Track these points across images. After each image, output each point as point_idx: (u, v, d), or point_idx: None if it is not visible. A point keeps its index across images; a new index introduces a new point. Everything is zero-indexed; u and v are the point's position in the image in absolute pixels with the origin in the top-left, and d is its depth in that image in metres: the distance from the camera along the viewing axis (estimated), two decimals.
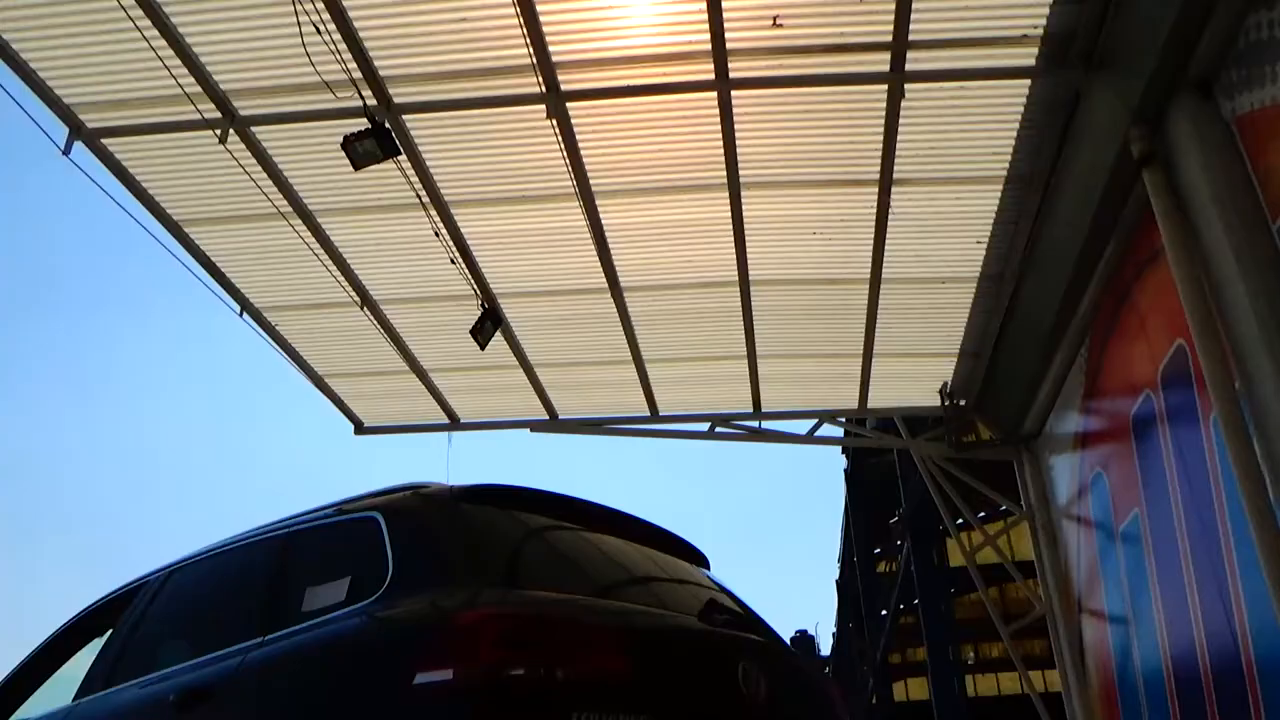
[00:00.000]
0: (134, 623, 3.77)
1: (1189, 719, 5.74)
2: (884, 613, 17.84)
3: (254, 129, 5.42)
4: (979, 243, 6.44)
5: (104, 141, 5.46)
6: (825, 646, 28.85)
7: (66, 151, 5.29)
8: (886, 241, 6.33)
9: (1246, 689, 4.95)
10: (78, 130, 5.32)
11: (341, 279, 6.53)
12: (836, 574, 24.27)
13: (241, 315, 6.87)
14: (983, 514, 9.89)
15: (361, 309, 6.82)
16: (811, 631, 26.31)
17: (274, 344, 7.26)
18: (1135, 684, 6.56)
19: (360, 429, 8.63)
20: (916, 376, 8.21)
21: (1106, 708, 7.16)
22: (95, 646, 3.99)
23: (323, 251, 6.28)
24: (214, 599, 3.66)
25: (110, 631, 3.88)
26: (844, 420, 9.20)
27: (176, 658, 3.51)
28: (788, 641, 3.59)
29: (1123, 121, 4.91)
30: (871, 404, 8.42)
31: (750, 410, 8.49)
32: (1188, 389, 5.34)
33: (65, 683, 3.95)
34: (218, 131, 5.29)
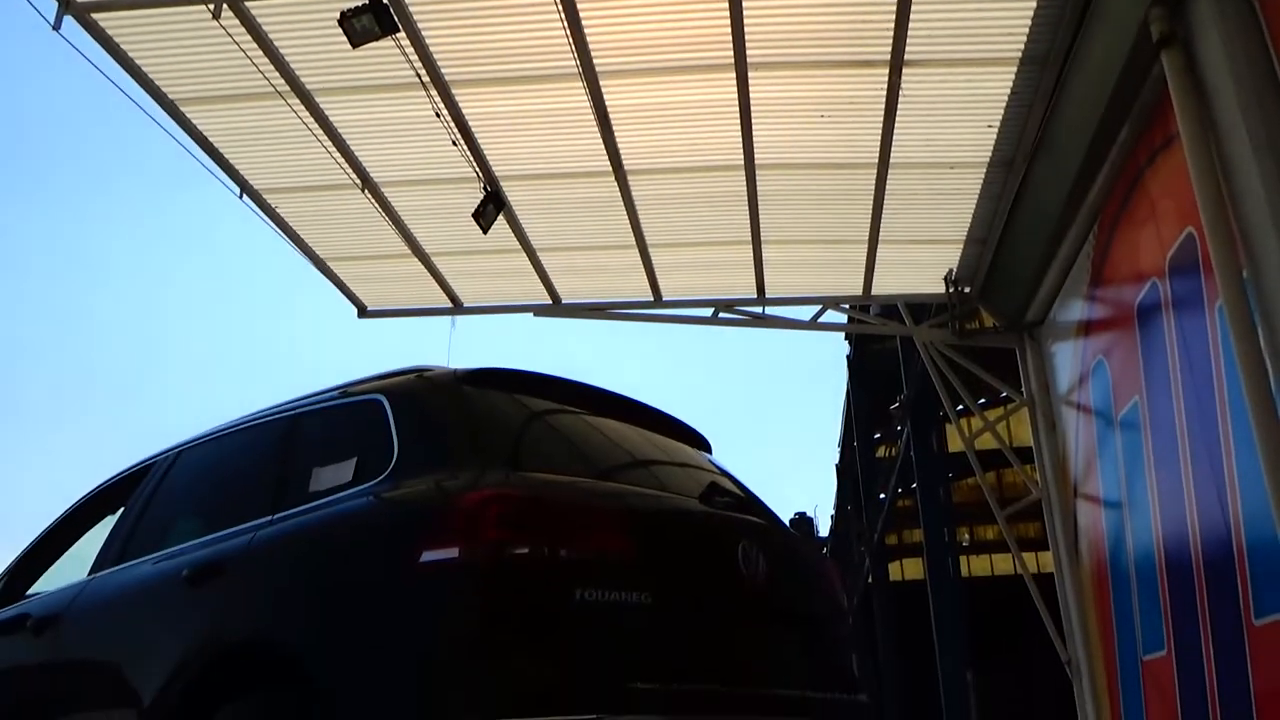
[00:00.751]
0: (145, 501, 3.84)
1: (1178, 599, 5.88)
2: (882, 496, 18.13)
3: (248, 3, 5.27)
4: (990, 127, 6.32)
5: (94, 16, 5.31)
6: (824, 528, 29.44)
7: (56, 26, 5.15)
8: (895, 125, 6.21)
9: (1236, 572, 5.05)
10: (66, 4, 5.17)
11: (341, 160, 6.43)
12: (836, 458, 24.61)
13: (241, 197, 6.79)
14: (982, 400, 9.96)
15: (362, 191, 6.74)
16: (810, 514, 26.82)
17: (275, 226, 7.20)
18: (1126, 566, 6.70)
19: (363, 312, 8.63)
20: (921, 263, 8.16)
21: (1097, 588, 7.33)
22: (108, 523, 4.07)
23: (321, 132, 6.17)
24: (222, 479, 3.72)
25: (122, 509, 3.96)
26: (847, 307, 9.18)
27: (187, 535, 3.59)
28: (787, 523, 3.65)
29: (1142, 1, 4.76)
30: (875, 291, 8.39)
31: (754, 296, 8.47)
32: (1194, 277, 5.30)
33: (80, 558, 4.05)
34: (210, 5, 5.14)
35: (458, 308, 8.55)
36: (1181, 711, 5.89)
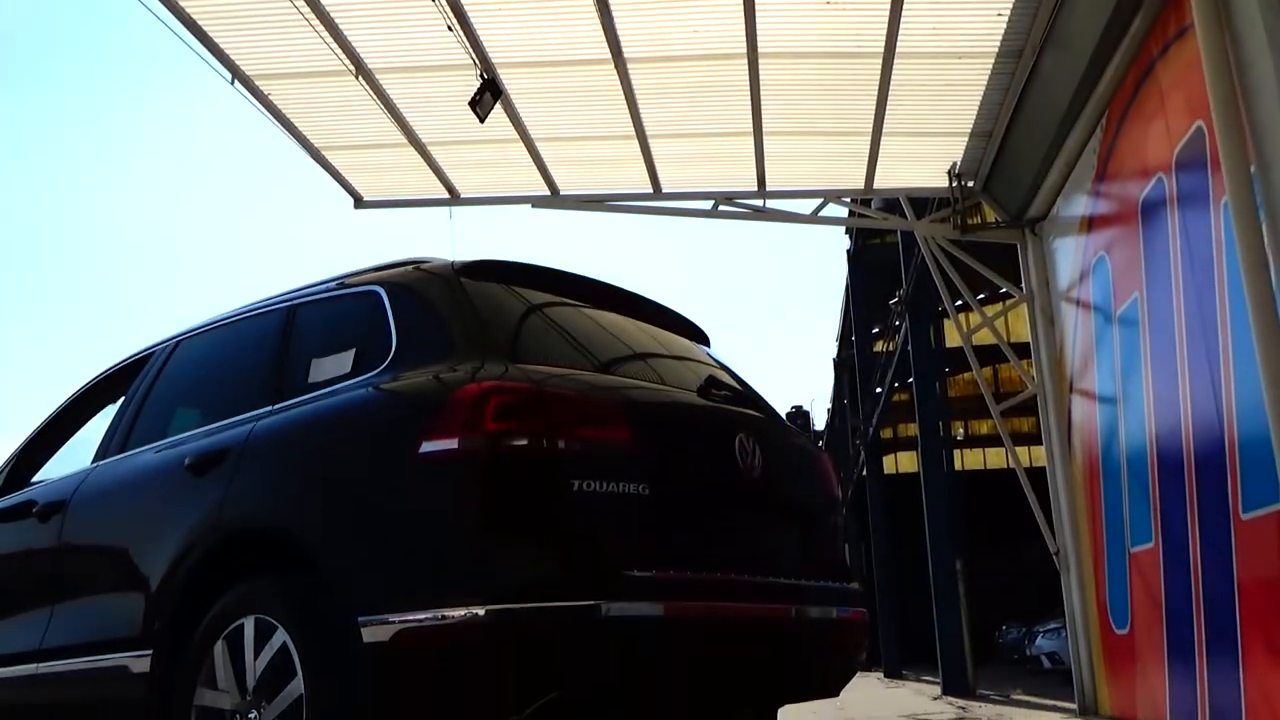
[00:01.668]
0: (145, 391, 3.85)
1: (1168, 493, 5.97)
2: (879, 390, 18.25)
3: None
4: (999, 15, 6.15)
5: None
6: (820, 423, 29.73)
7: None
8: (902, 13, 6.04)
9: (1226, 467, 5.11)
10: None
11: (334, 45, 6.27)
12: (834, 353, 24.70)
13: (233, 83, 6.65)
14: (981, 296, 9.94)
15: (356, 78, 6.59)
16: (807, 408, 27.04)
17: (268, 114, 7.06)
18: (1118, 460, 6.79)
19: (360, 203, 8.54)
20: (925, 157, 8.05)
21: (1088, 482, 7.44)
22: (109, 412, 4.10)
23: (313, 15, 6.00)
24: (222, 369, 3.73)
25: (122, 399, 3.98)
26: (849, 201, 9.10)
27: (188, 425, 3.61)
28: (784, 416, 3.67)
29: None
30: (878, 184, 8.29)
31: (754, 189, 8.38)
32: (1201, 172, 5.24)
33: (82, 446, 4.09)
34: None
35: (455, 199, 8.45)
36: (1166, 602, 6.04)
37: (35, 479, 4.26)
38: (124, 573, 3.27)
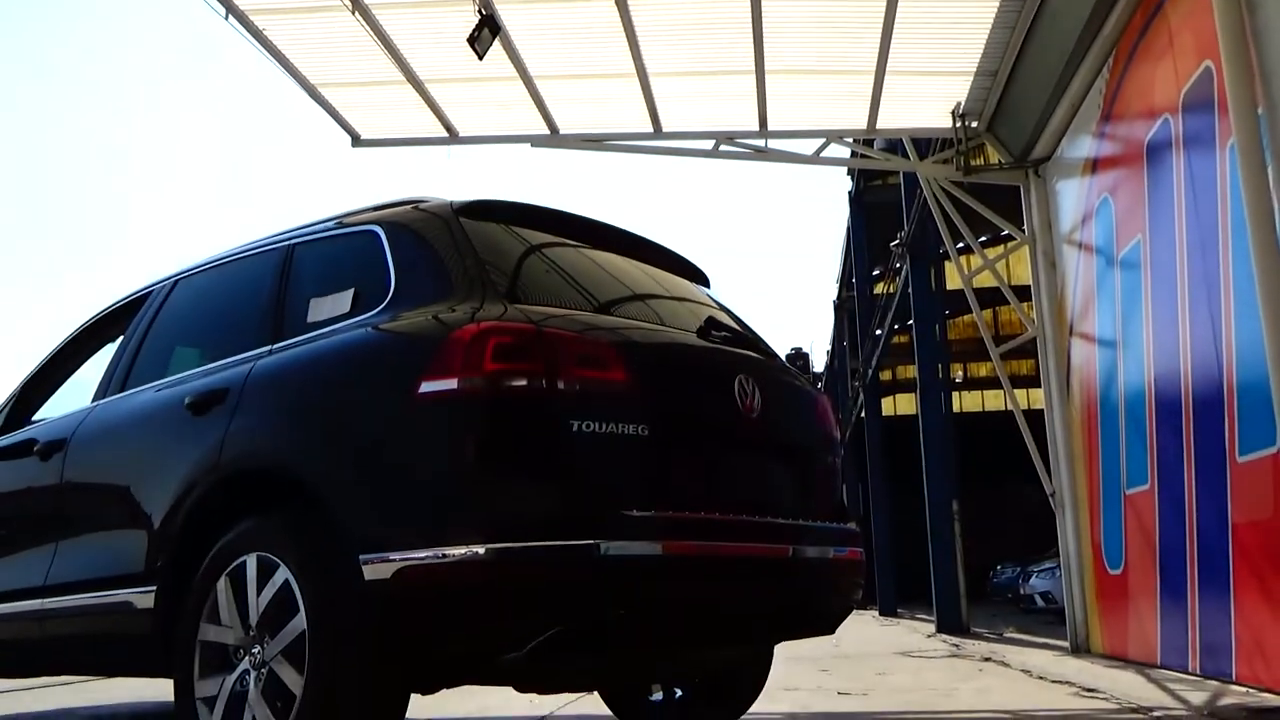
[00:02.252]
0: (143, 330, 3.85)
1: (1165, 436, 5.99)
2: (878, 333, 18.24)
3: None
4: None
5: None
6: (819, 365, 29.77)
7: None
8: None
9: (1224, 410, 5.13)
10: None
11: None
12: (834, 295, 24.64)
13: (227, 18, 6.54)
14: (983, 238, 9.90)
15: (352, 13, 6.48)
16: (806, 350, 27.05)
17: (263, 49, 6.96)
18: (1116, 403, 6.81)
19: (357, 141, 8.45)
20: (929, 97, 7.96)
21: (1086, 424, 7.47)
22: (108, 351, 4.10)
23: None
24: (220, 308, 3.72)
25: (121, 338, 3.97)
26: (851, 141, 9.01)
27: (187, 364, 3.61)
28: (783, 358, 3.67)
29: None
30: (881, 124, 8.20)
31: (756, 129, 8.29)
32: (1208, 113, 5.18)
33: (82, 386, 4.09)
34: None
35: (453, 138, 8.37)
36: (1160, 543, 6.10)
37: (35, 418, 4.27)
38: (126, 511, 3.29)
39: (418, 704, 2.94)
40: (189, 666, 2.82)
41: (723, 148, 8.51)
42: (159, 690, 5.46)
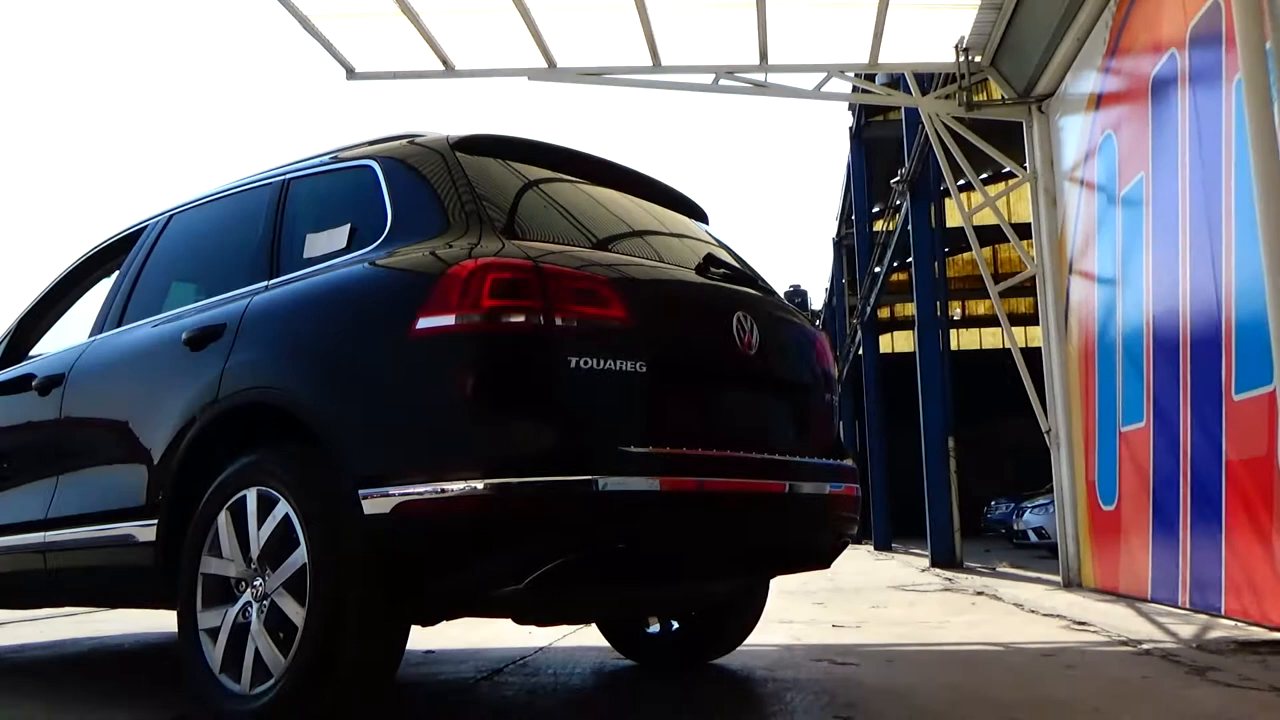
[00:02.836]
0: (139, 265, 3.83)
1: (1162, 374, 6.01)
2: (877, 270, 18.19)
3: None
4: None
5: None
6: (818, 302, 29.75)
7: None
8: None
9: (1222, 348, 5.14)
10: None
11: None
12: (834, 232, 24.53)
13: None
14: (984, 176, 9.82)
15: None
16: (804, 288, 27.01)
17: None
18: (1114, 341, 6.82)
19: (352, 74, 8.33)
20: (932, 31, 7.84)
21: (1084, 362, 7.49)
22: (104, 286, 4.08)
23: None
24: (216, 243, 3.70)
25: (117, 273, 3.96)
26: (852, 76, 8.89)
27: (184, 299, 3.60)
28: (782, 295, 3.66)
29: None
30: (883, 59, 8.09)
31: (757, 63, 8.18)
32: (1215, 48, 5.11)
33: (79, 321, 4.08)
34: None
35: (450, 71, 8.25)
36: (1154, 479, 6.15)
37: (32, 353, 4.27)
38: (126, 445, 3.31)
39: (418, 636, 2.99)
40: (191, 599, 2.85)
41: (722, 82, 8.40)
42: (161, 622, 5.54)
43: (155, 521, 3.05)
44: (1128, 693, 3.24)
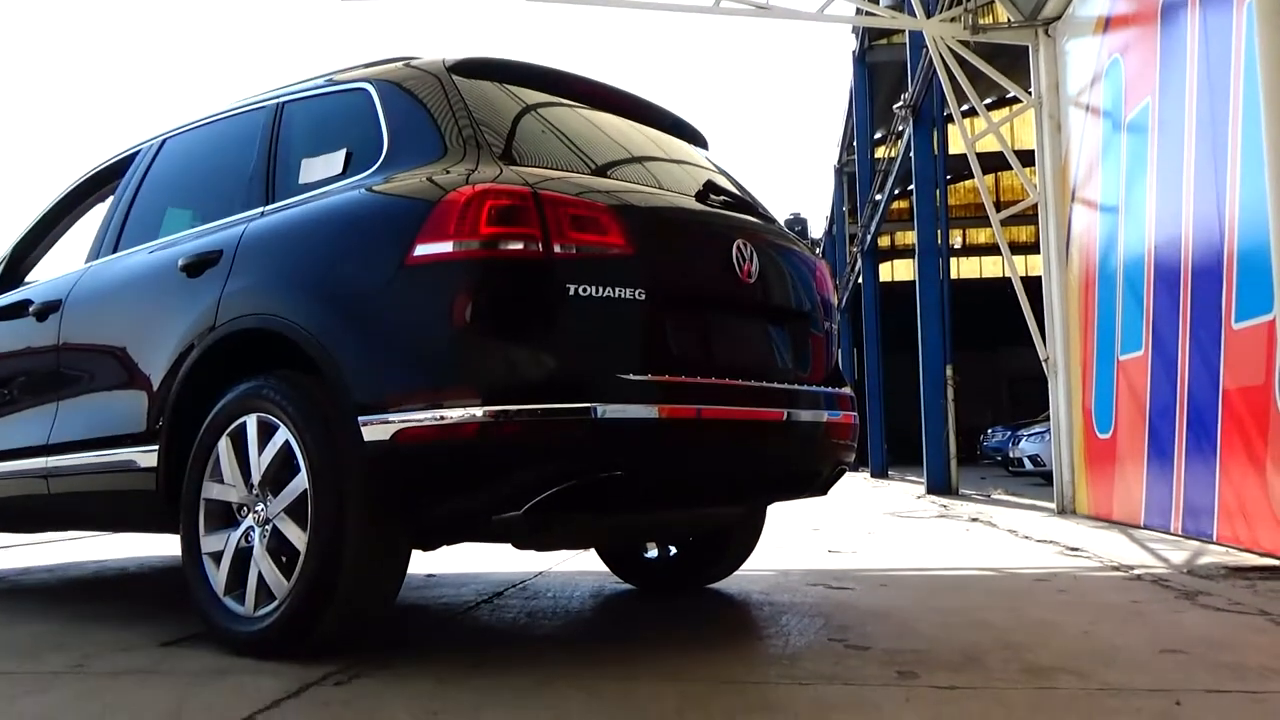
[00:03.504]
0: (133, 191, 3.79)
1: (1161, 302, 6.00)
2: (878, 198, 18.04)
3: None
4: None
5: None
6: (818, 230, 29.57)
7: None
8: None
9: (1223, 276, 5.12)
10: None
11: None
12: (836, 159, 24.29)
13: None
14: (988, 101, 9.69)
15: None
16: (804, 215, 26.82)
17: None
18: (1115, 269, 6.79)
19: None
20: None
21: (1084, 291, 7.47)
22: (99, 211, 4.05)
23: None
24: (211, 169, 3.66)
25: (111, 199, 3.92)
26: None
27: (179, 225, 3.57)
28: (782, 223, 3.63)
29: None
30: None
31: None
32: None
33: (75, 246, 4.06)
34: None
35: None
36: (1150, 407, 6.17)
37: (28, 279, 4.25)
38: (125, 371, 3.31)
39: (419, 560, 3.02)
40: (194, 523, 2.88)
41: (723, 4, 8.25)
42: (164, 546, 5.61)
43: (156, 447, 3.06)
44: (1118, 616, 3.29)
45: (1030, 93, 8.27)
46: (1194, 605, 3.44)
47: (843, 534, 6.41)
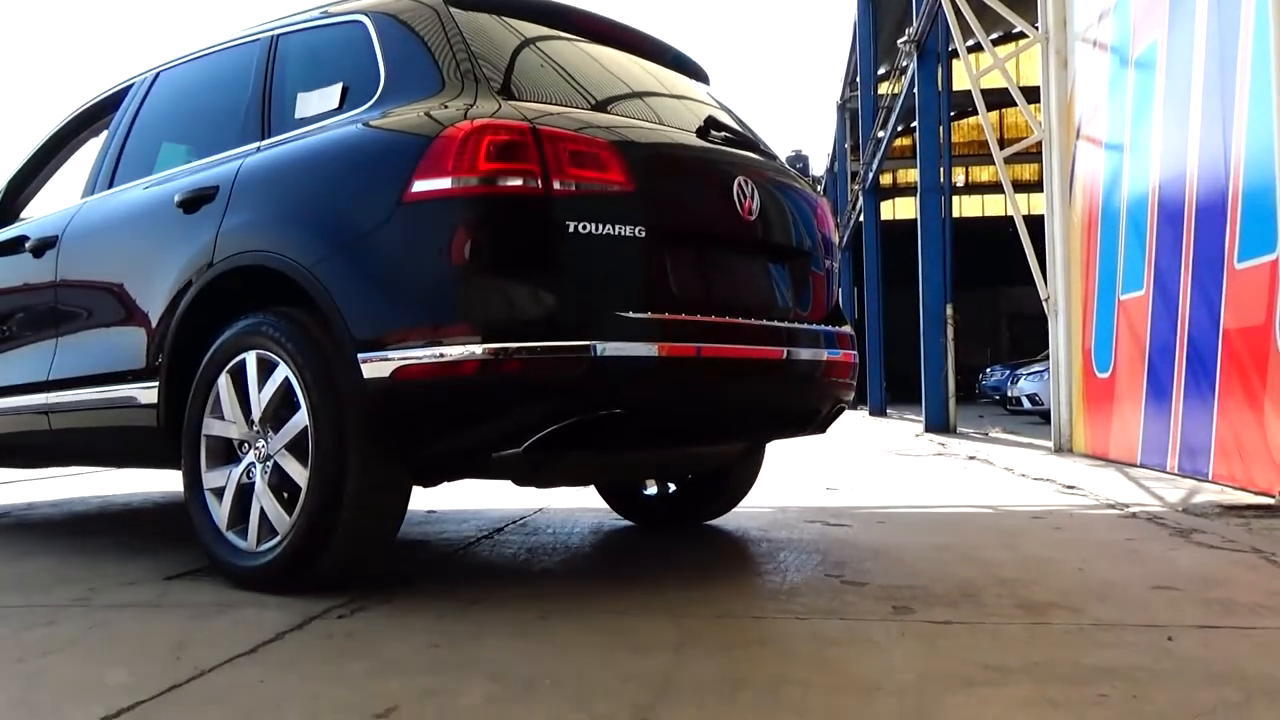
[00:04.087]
0: (127, 126, 3.75)
1: (1164, 242, 5.98)
2: (881, 134, 17.86)
3: None
4: None
5: None
6: (820, 167, 29.34)
7: None
8: None
9: (1227, 216, 5.09)
10: None
11: None
12: (839, 95, 24.01)
13: None
14: (994, 36, 9.54)
15: None
16: (806, 152, 26.59)
17: None
18: (1118, 208, 6.75)
19: None
20: None
21: (1086, 230, 7.43)
22: (94, 146, 4.01)
23: None
24: (205, 103, 3.62)
25: (105, 133, 3.88)
26: None
27: (174, 160, 3.54)
28: (783, 160, 3.60)
29: None
30: None
31: None
32: None
33: (70, 181, 4.03)
34: None
35: None
36: (1150, 347, 6.18)
37: (23, 215, 4.22)
38: (123, 307, 3.30)
39: (420, 496, 3.04)
40: (195, 460, 2.90)
41: None
42: (167, 482, 5.65)
43: (156, 384, 3.07)
44: (1113, 553, 3.32)
45: (1037, 28, 8.14)
46: (1188, 543, 3.48)
47: (841, 471, 6.46)
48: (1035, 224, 8.37)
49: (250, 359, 2.79)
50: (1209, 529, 3.77)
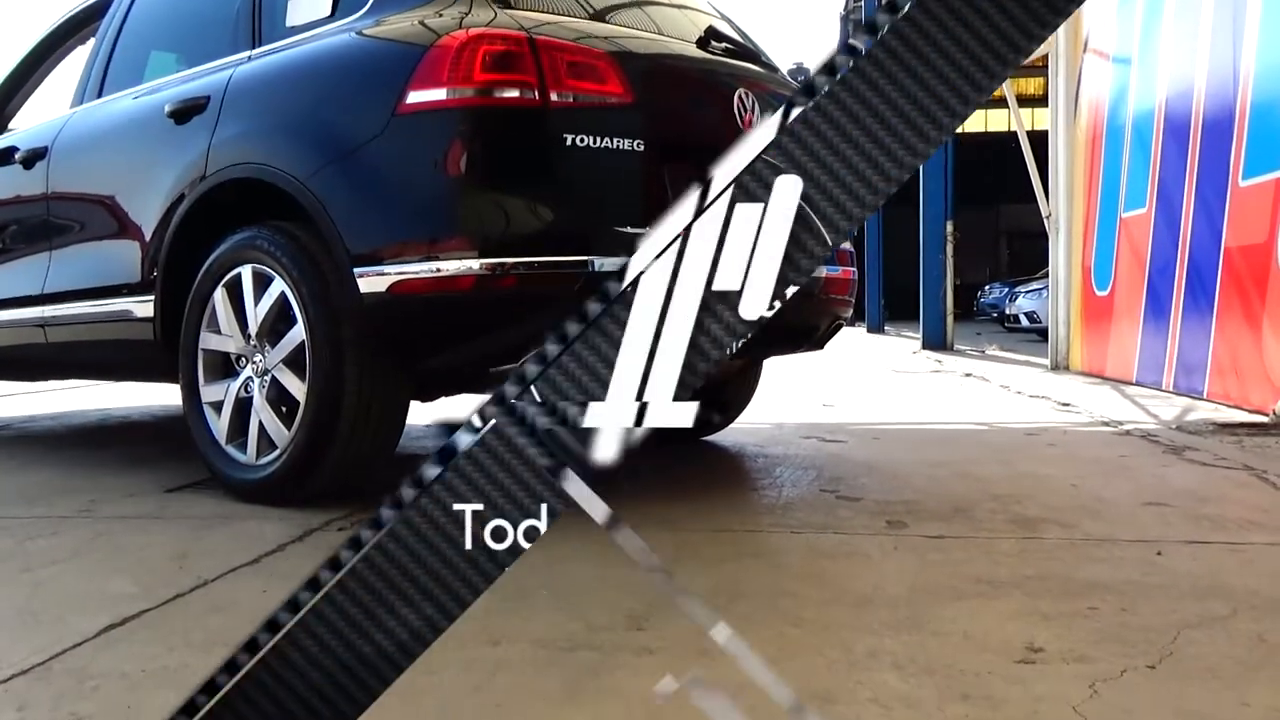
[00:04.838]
0: (115, 33, 3.67)
1: (1169, 159, 5.91)
2: None
3: None
4: None
5: None
6: None
7: None
8: None
9: (1233, 133, 5.03)
10: None
11: None
12: (841, 7, 23.57)
13: None
14: None
15: None
16: (808, 65, 26.18)
17: None
18: (1123, 124, 6.66)
19: None
20: None
21: (1091, 146, 7.35)
22: (81, 55, 3.93)
23: None
24: (195, 9, 3.54)
25: (93, 41, 3.80)
26: None
27: (163, 69, 3.47)
28: (784, 73, 3.53)
29: None
30: None
31: None
32: None
33: (58, 91, 3.95)
34: None
35: None
36: (1150, 265, 6.16)
37: (11, 126, 4.16)
38: (116, 220, 3.27)
39: (419, 411, 3.05)
40: (193, 373, 2.90)
41: None
42: (166, 396, 5.67)
43: (152, 298, 3.05)
44: (1106, 470, 3.35)
45: None
46: (1180, 460, 3.51)
47: (838, 388, 6.48)
48: (1038, 140, 8.27)
49: (246, 273, 2.77)
50: (1202, 446, 3.80)
